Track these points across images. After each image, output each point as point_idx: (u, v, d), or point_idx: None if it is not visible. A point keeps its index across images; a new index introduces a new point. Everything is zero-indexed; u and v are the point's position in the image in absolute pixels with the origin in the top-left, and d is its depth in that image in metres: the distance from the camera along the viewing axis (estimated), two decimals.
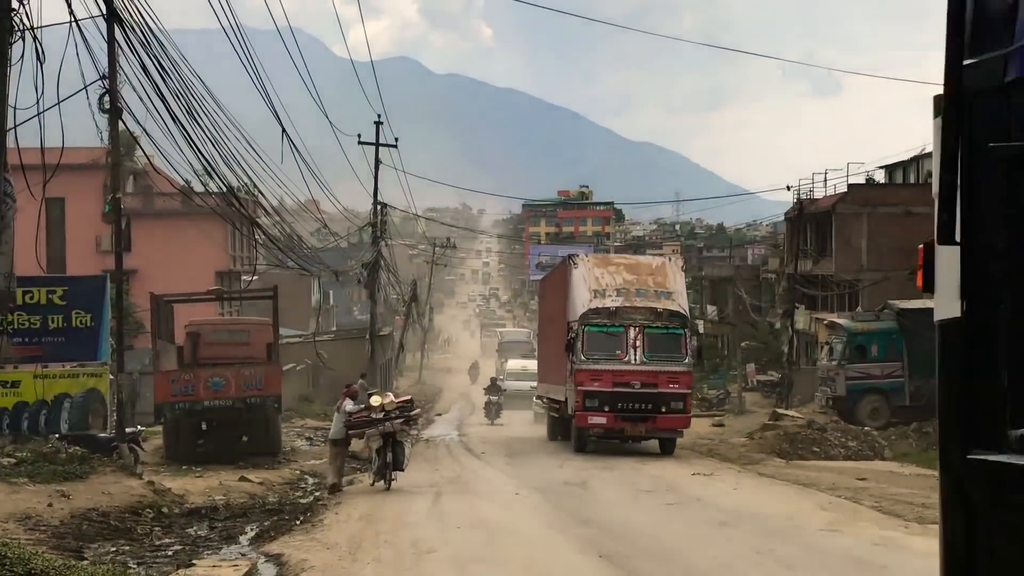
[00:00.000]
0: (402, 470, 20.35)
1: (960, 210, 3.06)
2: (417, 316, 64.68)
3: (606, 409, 26.33)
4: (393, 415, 19.99)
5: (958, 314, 3.13)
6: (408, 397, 22.61)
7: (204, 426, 28.08)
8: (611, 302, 26.79)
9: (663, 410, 26.44)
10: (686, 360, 26.97)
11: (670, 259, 33.42)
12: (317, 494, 20.77)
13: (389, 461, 19.92)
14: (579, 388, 26.60)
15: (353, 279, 50.03)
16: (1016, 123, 2.97)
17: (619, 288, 27.33)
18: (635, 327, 26.58)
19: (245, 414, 27.48)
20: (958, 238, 3.07)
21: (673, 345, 26.90)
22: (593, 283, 27.47)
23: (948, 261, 3.19)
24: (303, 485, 23.03)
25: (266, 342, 29.34)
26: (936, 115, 3.31)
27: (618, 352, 26.57)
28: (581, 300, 27.17)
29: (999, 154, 2.93)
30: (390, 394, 22.19)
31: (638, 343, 26.54)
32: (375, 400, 20.63)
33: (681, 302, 27.59)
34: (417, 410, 20.96)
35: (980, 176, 3.05)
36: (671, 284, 27.78)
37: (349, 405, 21.06)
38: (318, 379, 48.60)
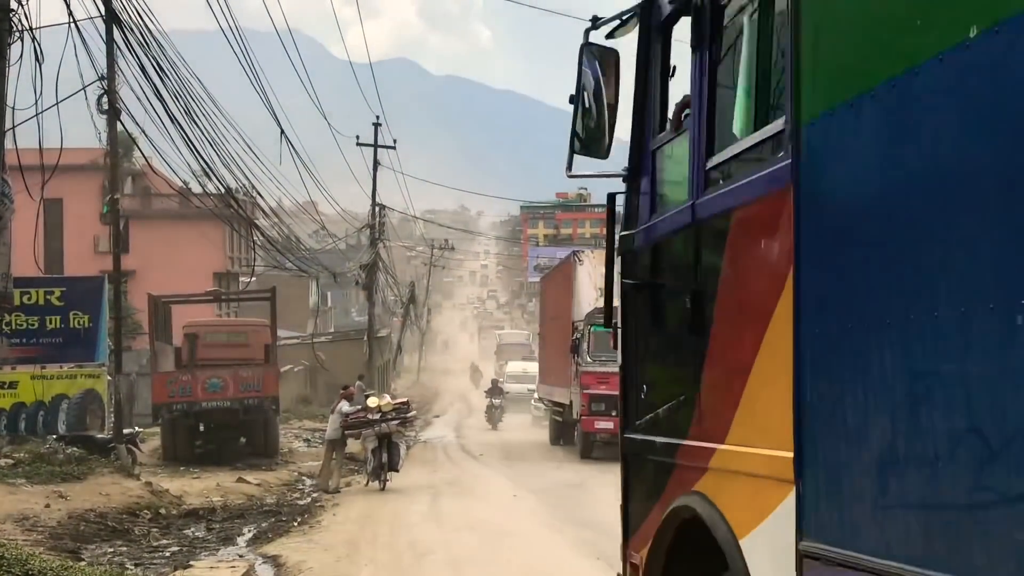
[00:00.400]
0: (397, 470, 20.57)
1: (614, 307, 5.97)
2: (415, 318, 64.68)
3: (613, 413, 24.59)
4: (390, 416, 20.27)
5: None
6: (405, 399, 22.87)
7: (202, 427, 28.05)
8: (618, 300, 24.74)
9: None
10: None
11: None
12: (315, 496, 20.77)
13: (384, 462, 20.18)
14: (585, 391, 25.67)
15: (351, 281, 50.02)
16: (639, 269, 5.54)
17: None
18: None
19: (243, 415, 27.45)
20: (615, 323, 6.02)
21: None
22: (599, 281, 27.09)
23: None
24: (301, 487, 23.02)
25: (264, 343, 29.32)
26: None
27: None
28: (587, 299, 26.37)
29: (628, 285, 5.66)
30: (387, 395, 22.48)
31: None
32: (372, 401, 20.89)
33: None
34: (413, 412, 21.22)
35: (624, 292, 5.78)
36: None
37: (345, 406, 21.39)
38: (316, 380, 48.60)
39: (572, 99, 5.75)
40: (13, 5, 11.08)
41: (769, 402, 3.82)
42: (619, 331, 5.92)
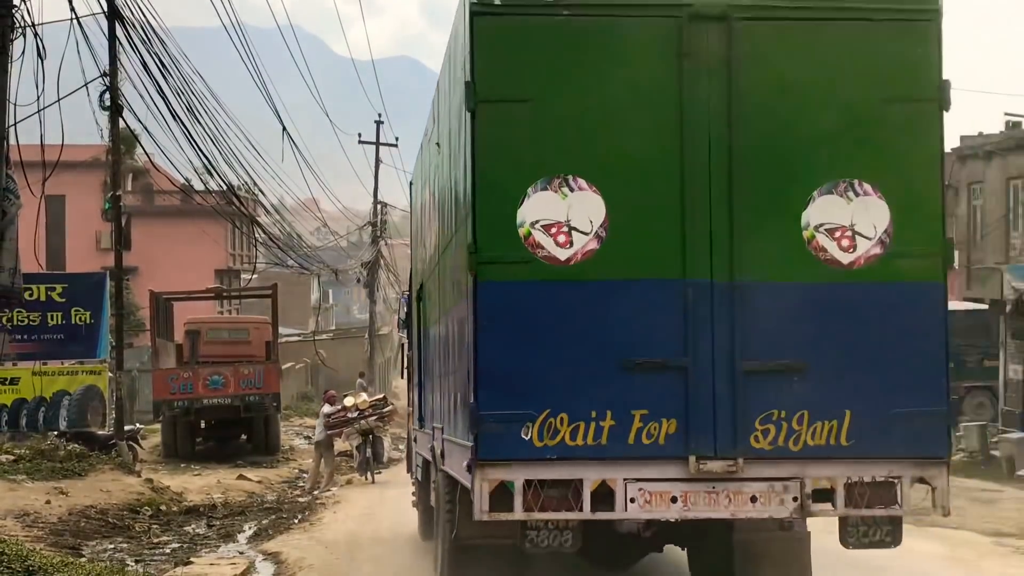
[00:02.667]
0: (383, 462, 21.70)
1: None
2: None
3: None
4: (367, 413, 21.32)
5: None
6: (381, 395, 23.98)
7: (203, 424, 28.07)
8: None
9: None
10: None
11: None
12: (315, 493, 20.81)
13: (369, 456, 21.31)
14: None
15: (353, 278, 50.01)
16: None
17: None
18: None
19: (244, 412, 27.44)
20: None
21: None
22: None
23: None
24: (301, 484, 23.02)
25: (265, 340, 29.31)
26: None
27: None
28: None
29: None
30: (363, 394, 23.60)
31: None
32: (348, 401, 21.85)
33: None
34: (390, 407, 22.15)
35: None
36: None
37: (327, 408, 22.23)
38: (317, 378, 48.58)
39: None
40: (16, 1, 11.08)
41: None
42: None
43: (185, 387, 27.03)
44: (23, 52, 11.29)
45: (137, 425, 26.28)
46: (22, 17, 11.14)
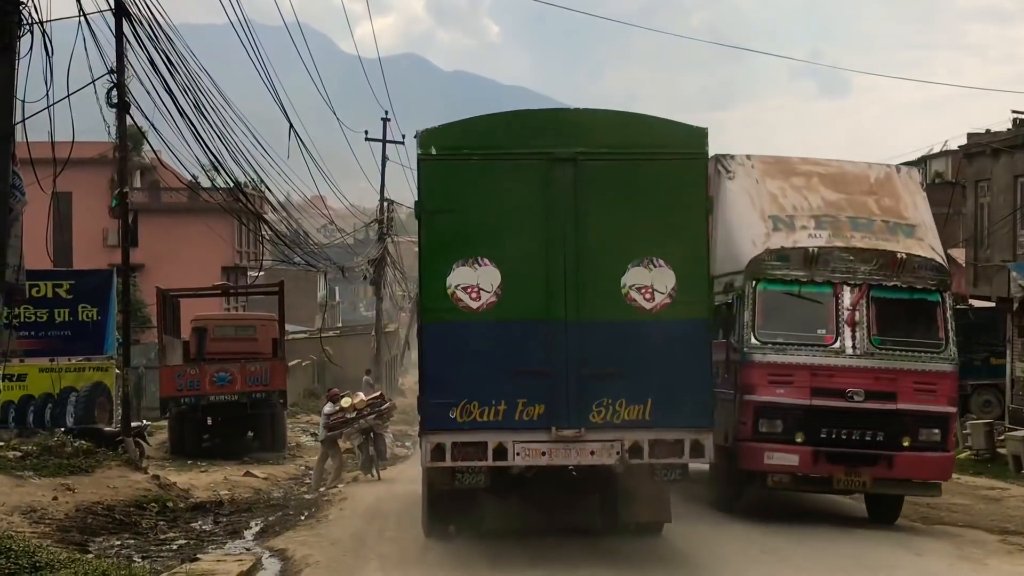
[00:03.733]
0: (386, 459, 22.05)
1: None
2: None
3: (800, 440, 14.56)
4: (365, 412, 21.48)
5: None
6: (378, 393, 24.04)
7: (209, 421, 28.13)
8: (808, 238, 15.20)
9: (906, 443, 14.52)
10: (946, 351, 14.82)
11: (898, 170, 17.20)
12: (321, 490, 20.83)
13: (373, 454, 21.54)
14: (749, 398, 14.71)
15: (359, 276, 49.99)
16: None
17: (819, 214, 15.63)
18: (854, 286, 14.79)
19: (250, 409, 27.53)
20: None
21: (924, 322, 15.02)
22: (769, 204, 15.72)
23: None
24: (308, 481, 23.05)
25: (272, 337, 29.38)
26: None
27: (822, 332, 14.79)
28: (749, 234, 15.39)
29: None
30: (360, 394, 23.70)
31: (860, 316, 14.72)
32: (345, 401, 21.97)
33: (933, 243, 15.71)
34: (387, 404, 22.24)
35: None
36: (909, 210, 16.01)
37: (328, 407, 22.42)
38: (324, 375, 48.64)
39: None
40: None
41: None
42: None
43: (192, 384, 27.11)
44: (30, 49, 11.28)
45: (144, 422, 26.34)
46: (29, 14, 11.14)
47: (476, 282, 11.62)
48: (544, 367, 11.50)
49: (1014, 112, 32.92)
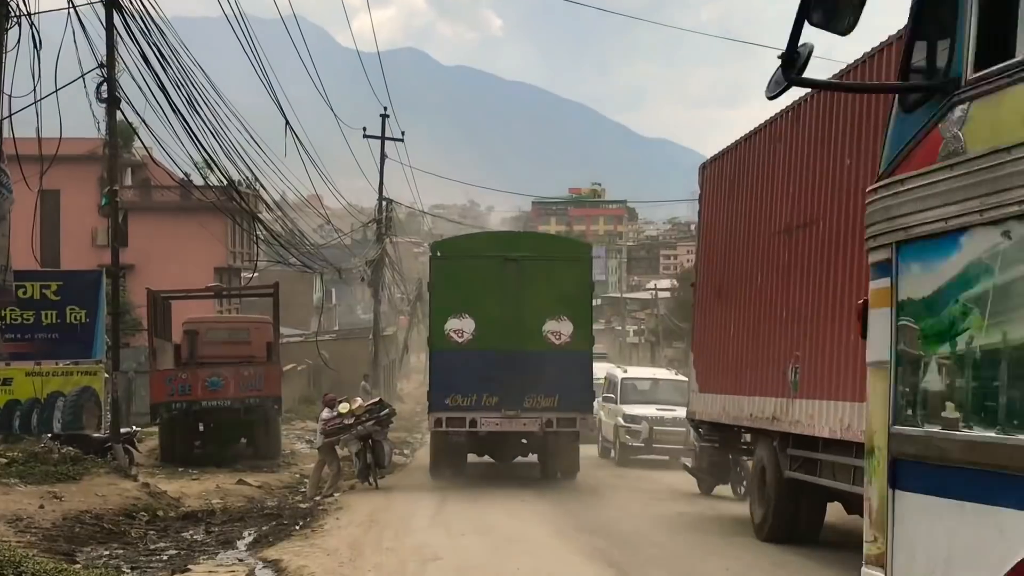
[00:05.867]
0: (384, 466, 21.82)
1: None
2: (422, 316, 64.69)
3: None
4: (363, 419, 21.42)
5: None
6: (377, 398, 24.03)
7: (201, 427, 28.08)
8: None
9: None
10: None
11: None
12: (317, 498, 20.85)
13: (370, 462, 21.53)
14: None
15: (356, 277, 50.04)
16: None
17: None
18: None
19: (244, 415, 27.46)
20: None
21: None
22: None
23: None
24: (303, 489, 23.06)
25: (266, 341, 29.34)
26: None
27: None
28: None
29: None
30: (358, 399, 23.32)
31: None
32: (343, 407, 21.85)
33: None
34: (387, 410, 22.03)
35: None
36: None
37: (325, 413, 22.35)
38: (319, 380, 48.62)
39: None
40: None
41: None
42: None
43: (183, 389, 27.07)
44: (18, 42, 11.31)
45: (134, 428, 26.30)
46: (17, 6, 11.16)
47: (461, 327, 21.78)
48: (499, 376, 21.33)
49: None
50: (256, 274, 33.63)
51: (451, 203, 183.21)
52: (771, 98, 4.94)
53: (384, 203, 48.07)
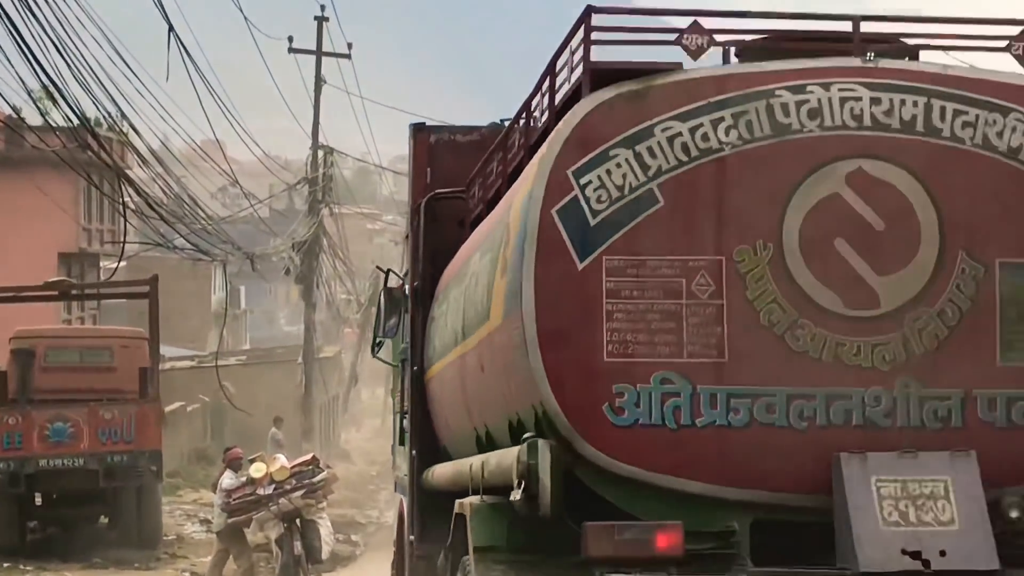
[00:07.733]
0: (321, 561, 22.25)
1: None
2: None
3: None
4: (287, 487, 21.23)
5: None
6: (309, 455, 23.79)
7: (39, 499, 28.01)
8: None
9: None
10: None
11: None
12: None
13: (299, 553, 21.29)
14: None
15: (278, 268, 49.99)
16: None
17: None
18: None
19: (104, 481, 27.37)
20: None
21: None
22: None
23: None
24: None
25: (139, 366, 29.23)
26: None
27: None
28: None
29: None
30: (280, 457, 22.98)
31: None
32: (256, 470, 21.59)
33: None
34: (323, 472, 21.82)
35: None
36: None
37: (227, 480, 22.14)
38: (221, 427, 48.65)
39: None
40: None
41: None
42: None
43: (9, 440, 26.96)
44: None
45: None
46: None
47: None
48: None
49: None
50: (124, 263, 33.53)
51: None
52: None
53: (321, 154, 47.97)
